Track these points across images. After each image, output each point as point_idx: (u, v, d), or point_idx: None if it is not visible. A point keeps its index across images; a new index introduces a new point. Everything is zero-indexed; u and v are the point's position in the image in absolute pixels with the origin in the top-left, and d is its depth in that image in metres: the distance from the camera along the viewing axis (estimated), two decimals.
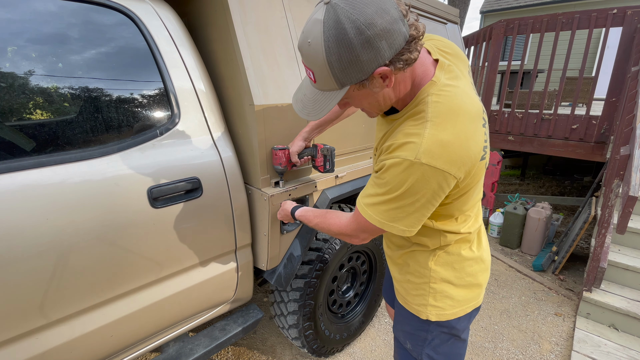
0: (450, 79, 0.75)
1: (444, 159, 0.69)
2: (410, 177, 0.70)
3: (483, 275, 0.97)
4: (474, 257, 0.94)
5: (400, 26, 0.64)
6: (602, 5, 7.69)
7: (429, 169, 0.69)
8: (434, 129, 0.70)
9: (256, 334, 2.12)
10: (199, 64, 1.26)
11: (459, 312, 0.94)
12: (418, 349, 1.00)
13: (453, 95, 0.73)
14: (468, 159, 0.71)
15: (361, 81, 0.68)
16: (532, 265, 3.02)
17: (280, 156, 1.29)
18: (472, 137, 0.72)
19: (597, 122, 3.29)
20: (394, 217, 0.77)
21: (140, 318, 1.16)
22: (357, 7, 0.61)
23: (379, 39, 0.62)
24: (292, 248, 1.53)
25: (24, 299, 0.90)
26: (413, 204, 0.74)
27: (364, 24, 0.61)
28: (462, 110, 0.72)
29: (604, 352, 1.98)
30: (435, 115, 0.71)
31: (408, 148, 0.71)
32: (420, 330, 0.99)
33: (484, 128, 0.76)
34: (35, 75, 0.94)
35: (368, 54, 0.63)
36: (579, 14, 3.28)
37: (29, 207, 0.88)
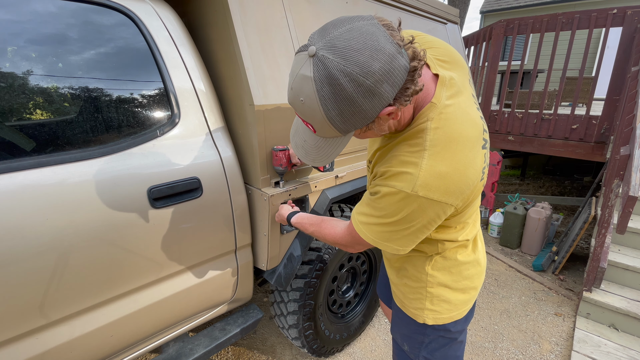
0: (450, 97, 0.71)
1: (441, 190, 0.68)
2: (407, 207, 0.69)
3: (479, 278, 0.98)
4: (470, 260, 0.94)
5: (400, 61, 0.58)
6: (602, 5, 7.69)
7: (426, 201, 0.68)
8: (432, 160, 0.67)
9: (256, 334, 2.12)
10: (199, 64, 1.26)
11: (456, 315, 0.94)
12: (415, 351, 1.01)
13: (453, 119, 0.69)
14: (466, 187, 0.70)
15: (369, 123, 0.65)
16: (532, 265, 3.02)
17: (281, 157, 1.29)
18: (471, 165, 0.70)
19: (597, 122, 3.29)
20: (388, 238, 0.77)
21: (140, 318, 1.15)
22: (350, 58, 0.56)
23: (380, 84, 0.58)
24: (292, 248, 1.53)
25: (24, 299, 0.90)
26: (408, 229, 0.74)
27: (361, 75, 0.56)
28: (462, 138, 0.69)
29: (604, 352, 1.98)
30: (434, 144, 0.68)
31: (405, 179, 0.68)
32: (417, 333, 0.99)
33: (484, 150, 0.74)
34: (36, 75, 0.94)
35: (371, 102, 0.60)
36: (579, 14, 3.28)
37: (28, 207, 0.88)
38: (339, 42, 0.57)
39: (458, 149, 0.68)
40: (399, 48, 0.58)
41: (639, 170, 1.90)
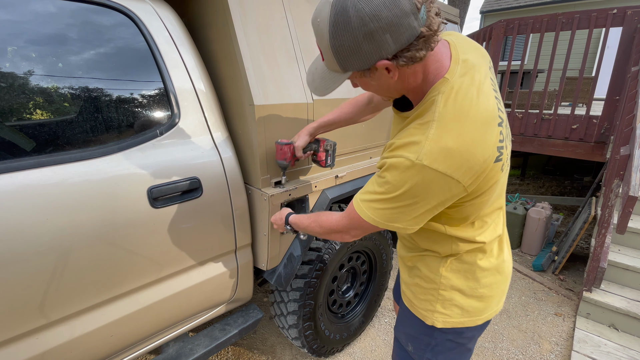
0: (464, 75, 0.70)
1: (447, 163, 0.65)
2: (411, 178, 0.67)
3: (499, 287, 0.91)
4: (490, 267, 0.88)
5: (411, 21, 0.59)
6: (602, 5, 7.69)
7: (430, 172, 0.65)
8: (439, 131, 0.66)
9: (256, 334, 2.12)
10: (199, 64, 1.26)
11: (468, 322, 0.89)
12: (420, 352, 0.97)
13: (464, 94, 0.68)
14: (475, 163, 0.66)
15: (363, 70, 0.67)
16: (532, 265, 3.02)
17: (286, 151, 1.26)
18: (480, 142, 0.66)
19: (597, 122, 3.29)
20: (389, 217, 0.74)
21: (140, 318, 1.15)
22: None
23: (383, 32, 0.59)
24: (292, 248, 1.53)
25: (24, 298, 0.90)
26: (411, 207, 0.71)
27: (368, 15, 0.58)
28: (471, 113, 0.67)
29: (604, 352, 1.98)
30: (442, 116, 0.67)
31: (410, 149, 0.67)
32: (424, 334, 0.95)
33: (500, 127, 0.70)
34: (36, 75, 0.94)
35: (370, 46, 0.61)
36: (579, 14, 3.28)
37: (29, 207, 0.88)
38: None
39: (467, 124, 0.66)
40: (416, 10, 0.59)
41: (639, 170, 1.90)
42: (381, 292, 2.13)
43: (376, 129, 1.84)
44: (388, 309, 2.38)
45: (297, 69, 1.40)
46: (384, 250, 2.01)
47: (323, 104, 1.49)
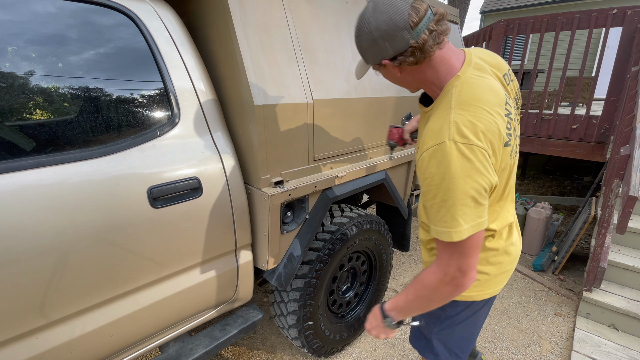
0: (475, 73, 0.83)
1: (472, 134, 0.74)
2: (452, 159, 0.73)
3: (506, 267, 1.00)
4: (499, 248, 0.97)
5: (404, 35, 0.76)
6: (602, 5, 7.69)
7: (463, 147, 0.73)
8: (457, 114, 0.77)
9: (256, 334, 2.12)
10: (199, 64, 1.26)
11: (475, 296, 0.99)
12: (430, 326, 1.07)
13: (474, 85, 0.80)
14: (489, 132, 0.76)
15: (376, 64, 0.86)
16: (532, 265, 3.02)
17: (394, 133, 1.48)
18: (491, 119, 0.77)
19: (597, 122, 3.29)
20: (457, 216, 0.74)
21: (140, 318, 1.16)
22: (375, 12, 0.77)
23: (383, 40, 0.78)
24: (292, 248, 1.53)
25: (24, 298, 0.91)
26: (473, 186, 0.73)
27: (373, 27, 0.78)
28: (482, 99, 0.78)
29: (604, 352, 1.98)
30: (458, 102, 0.78)
31: (440, 135, 0.76)
32: (437, 308, 0.95)
33: (508, 118, 0.81)
34: (36, 75, 0.94)
35: (375, 48, 0.81)
36: (579, 14, 3.28)
37: (29, 207, 0.88)
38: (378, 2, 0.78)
39: (479, 107, 0.77)
40: (409, 28, 0.75)
41: (639, 170, 1.90)
42: (381, 292, 2.13)
43: (376, 129, 1.84)
44: None
45: (297, 69, 1.40)
46: (384, 250, 2.01)
47: (323, 104, 1.49)
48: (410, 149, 2.15)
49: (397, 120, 1.98)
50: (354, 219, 1.74)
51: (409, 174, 2.18)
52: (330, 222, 1.70)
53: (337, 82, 1.57)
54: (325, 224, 1.69)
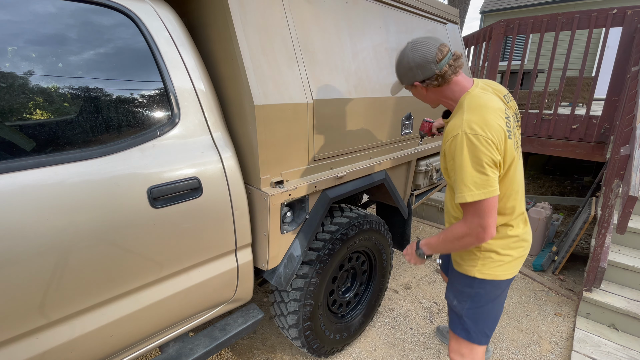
0: (481, 91, 1.16)
1: (478, 126, 1.05)
2: (465, 144, 1.05)
3: (524, 251, 1.26)
4: (517, 235, 1.23)
5: (432, 66, 1.12)
6: (602, 5, 7.69)
7: (472, 136, 1.04)
8: (468, 114, 1.09)
9: (256, 334, 2.12)
10: (199, 64, 1.26)
11: (500, 275, 1.22)
12: (462, 303, 1.29)
13: (480, 97, 1.13)
14: (492, 127, 1.05)
15: (408, 85, 1.22)
16: (532, 265, 3.02)
17: (425, 125, 1.79)
18: (493, 118, 1.07)
19: (597, 122, 3.29)
20: (474, 182, 1.04)
21: (140, 318, 1.16)
22: (413, 50, 1.14)
23: (416, 69, 1.14)
24: (292, 248, 1.54)
25: (24, 298, 0.91)
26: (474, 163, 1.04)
27: (410, 59, 1.14)
28: (486, 106, 1.10)
29: (604, 352, 1.98)
30: (468, 107, 1.11)
31: (456, 128, 1.08)
32: (466, 286, 1.27)
33: (505, 119, 1.11)
34: (36, 75, 0.94)
35: (410, 74, 1.17)
36: (579, 14, 3.28)
37: (29, 207, 0.88)
38: (416, 43, 1.14)
39: (484, 109, 1.09)
40: (436, 62, 1.11)
41: (639, 170, 1.91)
42: (381, 292, 2.13)
43: (376, 129, 1.84)
44: (388, 309, 2.38)
45: (297, 69, 1.40)
46: (384, 250, 2.01)
47: (323, 104, 1.49)
48: (410, 150, 2.15)
49: (397, 120, 1.98)
50: (354, 219, 1.75)
51: (408, 174, 2.18)
52: (330, 222, 1.70)
53: (337, 82, 1.57)
54: (325, 224, 1.69)
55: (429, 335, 2.15)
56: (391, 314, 2.33)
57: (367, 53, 1.76)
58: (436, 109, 2.29)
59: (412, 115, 2.09)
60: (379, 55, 1.84)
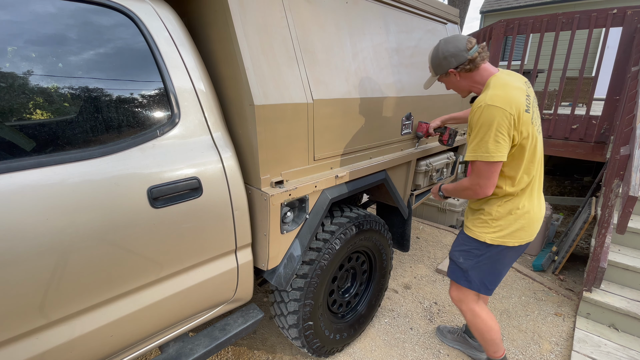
0: (506, 75, 1.38)
1: (499, 101, 1.26)
2: (485, 114, 1.27)
3: (532, 224, 1.45)
4: (526, 207, 1.42)
5: (464, 53, 1.36)
6: (602, 5, 7.68)
7: (493, 108, 1.26)
8: (492, 90, 1.31)
9: (256, 334, 2.12)
10: (199, 64, 1.26)
11: (508, 242, 1.44)
12: (468, 261, 1.54)
13: (504, 78, 1.35)
14: (513, 101, 1.27)
15: (443, 74, 1.45)
16: (532, 265, 3.02)
17: (423, 127, 2.06)
18: (515, 94, 1.29)
19: (597, 122, 3.29)
20: (481, 146, 1.29)
21: (140, 318, 1.16)
22: (446, 43, 1.40)
23: (450, 57, 1.39)
24: (292, 248, 1.54)
25: (24, 299, 0.90)
26: (489, 132, 1.27)
27: (445, 50, 1.40)
28: (509, 84, 1.32)
29: (604, 352, 1.98)
30: (493, 85, 1.33)
31: (480, 100, 1.30)
32: (476, 249, 1.51)
33: (527, 97, 1.32)
34: (36, 75, 0.94)
35: (444, 62, 1.41)
36: (579, 14, 3.28)
37: (29, 207, 0.88)
38: (448, 39, 1.40)
39: (506, 86, 1.31)
40: (467, 50, 1.36)
41: (639, 170, 1.91)
42: (381, 292, 2.13)
43: (376, 129, 1.84)
44: (388, 309, 2.38)
45: (297, 69, 1.40)
46: (384, 250, 2.01)
47: (323, 104, 1.49)
48: (410, 150, 2.15)
49: (397, 120, 1.98)
50: (354, 219, 1.75)
51: (408, 174, 2.18)
52: (330, 222, 1.70)
53: (337, 82, 1.57)
54: (325, 224, 1.69)
55: (429, 335, 2.15)
56: (391, 314, 2.33)
57: (367, 53, 1.76)
58: (436, 109, 2.29)
59: (412, 115, 2.09)
60: (379, 55, 1.84)
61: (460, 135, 2.72)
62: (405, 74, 2.01)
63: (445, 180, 2.58)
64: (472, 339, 1.97)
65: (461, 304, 1.64)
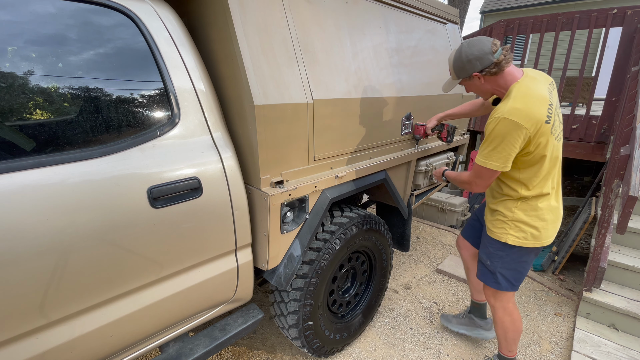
0: (529, 81, 1.35)
1: (518, 116, 1.27)
2: (499, 125, 1.30)
3: (552, 224, 1.48)
4: (545, 208, 1.45)
5: (489, 56, 1.33)
6: (602, 5, 7.68)
7: (509, 122, 1.28)
8: (513, 101, 1.30)
9: (256, 334, 2.12)
10: (199, 64, 1.26)
11: (528, 243, 1.48)
12: (494, 264, 1.58)
13: (527, 86, 1.33)
14: (533, 116, 1.27)
15: (466, 77, 1.43)
16: (532, 265, 3.02)
17: (420, 129, 2.04)
18: (536, 108, 1.29)
19: (597, 122, 3.29)
20: (489, 156, 1.36)
21: (140, 318, 1.16)
22: (470, 46, 1.36)
23: (475, 61, 1.36)
24: (292, 248, 1.54)
25: (24, 299, 0.90)
26: (500, 146, 1.32)
27: (469, 53, 1.36)
28: (531, 95, 1.31)
29: (604, 352, 1.98)
30: (515, 95, 1.32)
31: (499, 111, 1.32)
32: (498, 250, 1.55)
33: (549, 110, 1.32)
34: (36, 75, 0.94)
35: (469, 66, 1.38)
36: (579, 14, 3.28)
37: (29, 207, 0.88)
38: (471, 41, 1.38)
39: (528, 98, 1.30)
40: (492, 52, 1.33)
41: (639, 170, 1.91)
42: (381, 292, 2.13)
43: (376, 129, 1.84)
44: (388, 309, 2.38)
45: (297, 69, 1.40)
46: (384, 250, 2.01)
47: (323, 104, 1.49)
48: (410, 150, 2.15)
49: (397, 120, 1.98)
50: (354, 219, 1.75)
51: (408, 174, 2.18)
52: (330, 222, 1.70)
53: (337, 82, 1.57)
54: (325, 224, 1.69)
55: (429, 335, 2.15)
56: (391, 314, 2.33)
57: (367, 53, 1.76)
58: (436, 110, 2.29)
59: (412, 115, 2.09)
60: (379, 55, 1.84)
61: (460, 136, 2.72)
62: (405, 74, 2.01)
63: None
64: (479, 319, 2.04)
65: (495, 302, 1.67)
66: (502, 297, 1.64)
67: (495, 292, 1.65)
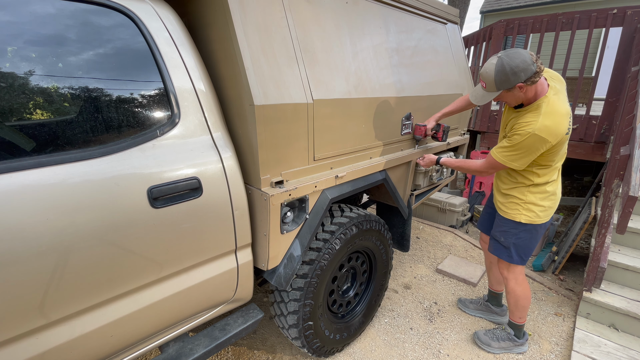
0: (554, 95, 1.53)
1: (547, 133, 1.47)
2: (528, 141, 1.50)
3: (553, 204, 1.74)
4: (552, 191, 1.71)
5: (532, 67, 1.41)
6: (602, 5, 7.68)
7: (538, 137, 1.48)
8: (544, 118, 1.48)
9: (256, 334, 2.12)
10: (199, 64, 1.26)
11: (538, 220, 1.72)
12: (508, 240, 1.80)
13: (555, 103, 1.50)
14: (558, 133, 1.49)
15: (508, 89, 1.50)
16: (532, 265, 3.02)
17: (422, 129, 2.11)
18: (562, 125, 1.49)
19: (597, 122, 3.29)
20: (511, 159, 1.59)
21: (140, 318, 1.16)
22: (511, 59, 1.43)
23: (520, 72, 1.42)
24: (292, 248, 1.54)
25: (24, 299, 0.91)
26: (523, 154, 1.55)
27: (513, 65, 1.42)
28: (558, 112, 1.49)
29: (604, 352, 1.98)
30: (545, 112, 1.49)
31: (529, 126, 1.49)
32: (512, 228, 1.78)
33: (569, 119, 1.53)
34: (36, 75, 0.94)
35: (513, 77, 1.44)
36: (579, 14, 3.28)
37: (29, 207, 0.88)
38: (509, 53, 1.45)
39: (555, 115, 1.48)
40: (534, 63, 1.41)
41: (639, 170, 1.91)
42: (381, 292, 2.13)
43: (376, 129, 1.84)
44: (388, 309, 2.38)
45: (297, 69, 1.40)
46: (384, 250, 2.01)
47: (323, 104, 1.49)
48: (410, 150, 2.15)
49: (397, 120, 1.98)
50: (354, 219, 1.75)
51: (408, 174, 2.18)
52: (330, 222, 1.70)
53: (337, 82, 1.57)
54: (325, 224, 1.69)
55: (429, 335, 2.15)
56: (391, 314, 2.33)
57: (367, 53, 1.76)
58: (436, 110, 2.29)
59: (412, 115, 2.09)
60: (379, 55, 1.84)
61: (460, 136, 2.72)
62: (405, 74, 2.01)
63: (445, 180, 2.59)
64: (494, 306, 2.28)
65: (508, 273, 1.89)
66: (514, 269, 1.87)
67: (508, 265, 1.87)
